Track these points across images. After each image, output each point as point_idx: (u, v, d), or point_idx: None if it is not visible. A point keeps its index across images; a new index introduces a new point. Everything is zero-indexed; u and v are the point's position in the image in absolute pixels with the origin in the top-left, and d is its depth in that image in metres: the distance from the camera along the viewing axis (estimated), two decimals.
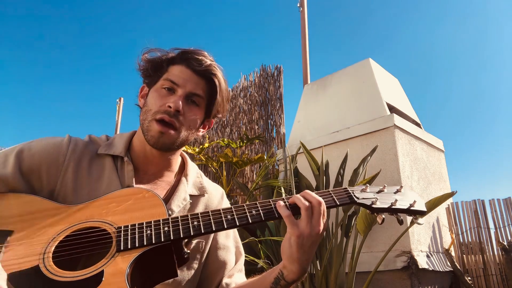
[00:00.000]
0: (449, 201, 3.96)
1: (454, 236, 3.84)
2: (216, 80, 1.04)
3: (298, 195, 0.91)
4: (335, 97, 4.29)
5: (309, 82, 5.32)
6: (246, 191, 3.40)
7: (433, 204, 2.67)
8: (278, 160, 4.43)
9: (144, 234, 0.85)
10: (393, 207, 0.96)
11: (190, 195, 1.09)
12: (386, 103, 3.83)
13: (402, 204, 0.97)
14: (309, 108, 4.50)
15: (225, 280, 1.09)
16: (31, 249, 0.81)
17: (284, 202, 0.92)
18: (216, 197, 1.17)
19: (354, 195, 0.97)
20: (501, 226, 3.70)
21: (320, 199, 0.90)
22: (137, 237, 0.84)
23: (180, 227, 0.88)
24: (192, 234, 0.87)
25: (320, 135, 4.04)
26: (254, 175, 5.53)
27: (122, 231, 0.85)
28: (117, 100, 9.39)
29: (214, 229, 0.90)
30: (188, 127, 1.03)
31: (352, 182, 2.88)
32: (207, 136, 6.35)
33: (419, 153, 3.82)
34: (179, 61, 1.03)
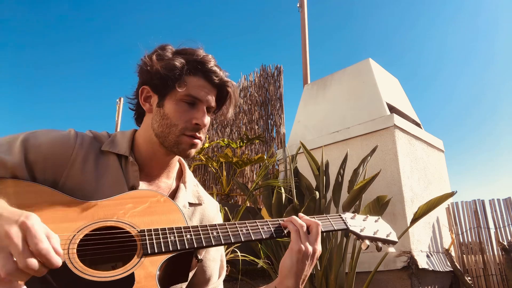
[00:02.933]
0: (449, 201, 3.96)
1: (454, 236, 3.84)
2: (230, 97, 1.09)
3: (296, 217, 1.01)
4: (335, 97, 4.29)
5: (309, 82, 5.32)
6: (246, 191, 3.40)
7: (433, 204, 2.67)
8: (278, 160, 4.43)
9: (169, 240, 0.86)
10: (375, 235, 1.11)
11: (189, 203, 1.11)
12: (386, 103, 3.83)
13: (381, 234, 1.12)
14: (309, 108, 4.50)
15: None
16: None
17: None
18: (213, 210, 1.18)
19: (348, 223, 1.10)
20: (501, 226, 3.70)
21: (318, 221, 1.01)
22: (162, 242, 0.85)
23: (202, 236, 0.90)
24: (213, 244, 0.90)
25: (320, 135, 4.04)
26: (254, 175, 5.53)
27: (147, 235, 0.86)
28: (117, 100, 9.39)
29: (232, 241, 0.93)
30: (205, 134, 1.08)
31: (352, 182, 2.88)
32: (207, 136, 6.35)
33: (419, 153, 3.82)
34: (197, 72, 1.03)
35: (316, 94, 4.53)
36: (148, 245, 0.84)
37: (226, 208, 3.01)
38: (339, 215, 1.11)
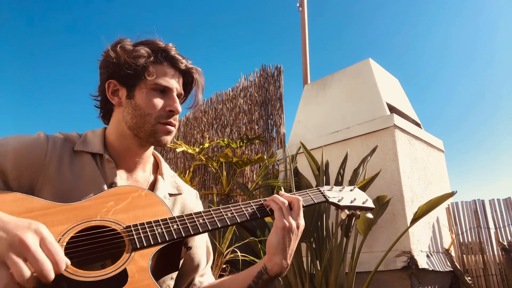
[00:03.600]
0: (449, 201, 3.96)
1: (454, 236, 3.84)
2: (196, 82, 1.12)
3: (277, 196, 1.02)
4: (335, 97, 4.29)
5: (309, 82, 5.32)
6: (246, 191, 3.40)
7: (433, 204, 2.67)
8: (278, 160, 4.43)
9: (156, 232, 0.86)
10: (352, 204, 1.12)
11: (169, 194, 1.11)
12: (386, 103, 3.83)
13: (358, 202, 1.14)
14: (309, 108, 4.50)
15: (198, 279, 1.12)
16: None
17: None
18: (192, 198, 1.19)
19: (326, 195, 1.12)
20: (501, 226, 3.70)
21: (298, 197, 1.03)
22: (149, 235, 0.85)
23: (188, 224, 0.90)
24: (200, 230, 0.91)
25: (320, 135, 4.04)
26: (254, 175, 5.53)
27: (133, 230, 0.85)
28: None
29: (219, 226, 0.94)
30: (178, 122, 1.09)
31: (352, 182, 2.88)
32: (207, 136, 6.35)
33: (419, 153, 3.82)
34: (162, 60, 1.05)
35: (316, 94, 4.53)
36: (136, 239, 0.84)
37: None
38: (318, 189, 1.13)
